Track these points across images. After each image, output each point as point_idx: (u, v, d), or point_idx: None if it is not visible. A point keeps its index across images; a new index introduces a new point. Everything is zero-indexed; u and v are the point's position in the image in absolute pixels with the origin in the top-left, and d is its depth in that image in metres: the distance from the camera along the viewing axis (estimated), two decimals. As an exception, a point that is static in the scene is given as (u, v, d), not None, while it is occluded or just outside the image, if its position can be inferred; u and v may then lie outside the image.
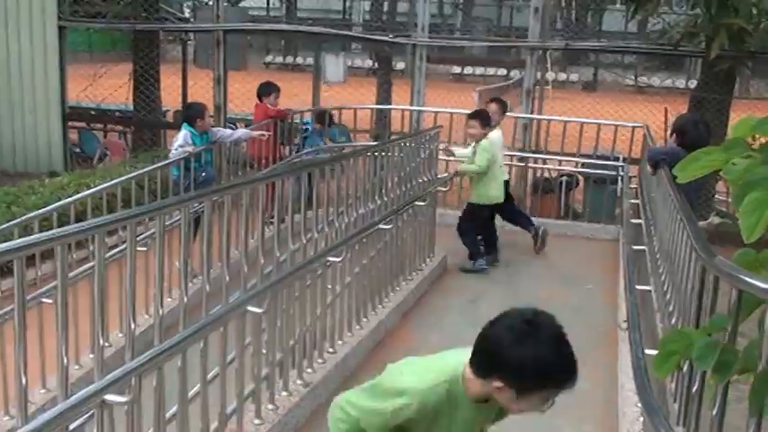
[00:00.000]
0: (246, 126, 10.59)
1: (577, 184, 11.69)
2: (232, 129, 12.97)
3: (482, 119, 7.91)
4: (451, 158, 8.91)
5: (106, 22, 12.48)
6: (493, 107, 8.57)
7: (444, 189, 8.32)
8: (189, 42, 15.78)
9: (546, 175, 11.64)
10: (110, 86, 14.03)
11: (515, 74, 31.98)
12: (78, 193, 9.41)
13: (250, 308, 3.86)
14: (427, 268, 7.72)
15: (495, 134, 8.15)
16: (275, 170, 7.79)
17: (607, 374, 5.83)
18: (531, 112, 11.45)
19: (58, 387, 2.80)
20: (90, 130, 13.62)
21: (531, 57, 11.30)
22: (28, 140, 12.44)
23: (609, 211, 10.62)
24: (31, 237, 2.67)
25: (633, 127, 10.73)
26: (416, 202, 7.09)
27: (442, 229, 8.44)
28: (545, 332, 2.21)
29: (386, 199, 6.36)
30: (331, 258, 5.02)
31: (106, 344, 3.33)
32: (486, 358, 2.23)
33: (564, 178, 11.19)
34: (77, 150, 13.21)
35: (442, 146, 8.17)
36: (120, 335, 5.70)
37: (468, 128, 7.99)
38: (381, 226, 5.93)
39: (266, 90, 9.36)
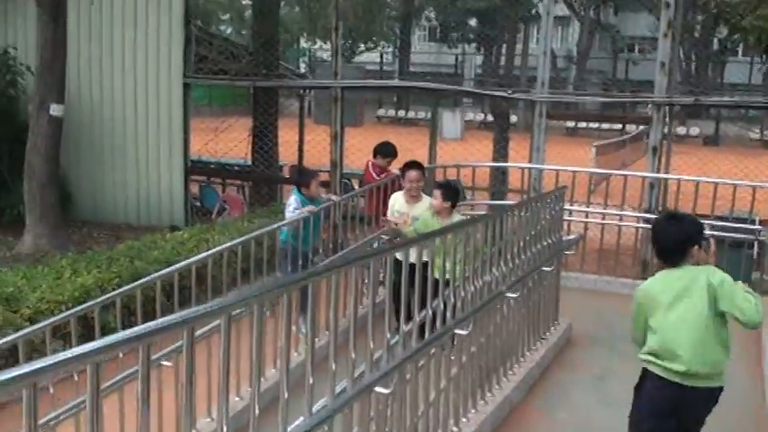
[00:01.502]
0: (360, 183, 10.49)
1: (708, 246, 11.02)
2: (347, 183, 13.06)
3: None
4: (572, 219, 8.52)
5: (228, 78, 12.77)
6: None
7: (570, 252, 7.91)
8: (306, 98, 16.05)
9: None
10: (229, 141, 14.33)
11: (631, 128, 31.27)
12: (197, 248, 9.59)
13: (378, 389, 3.62)
14: (552, 337, 7.31)
15: None
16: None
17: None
18: (658, 171, 10.89)
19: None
20: (210, 185, 13.90)
21: (658, 112, 10.79)
22: (152, 194, 12.78)
23: (745, 276, 9.90)
24: (160, 321, 2.50)
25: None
26: (543, 267, 6.74)
27: (563, 293, 8.01)
28: None
29: (511, 265, 6.04)
30: (458, 331, 4.73)
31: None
32: None
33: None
34: (197, 204, 13.48)
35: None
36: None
37: None
38: (508, 294, 5.61)
39: (383, 150, 9.18)
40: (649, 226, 10.70)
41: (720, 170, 16.51)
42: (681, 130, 35.04)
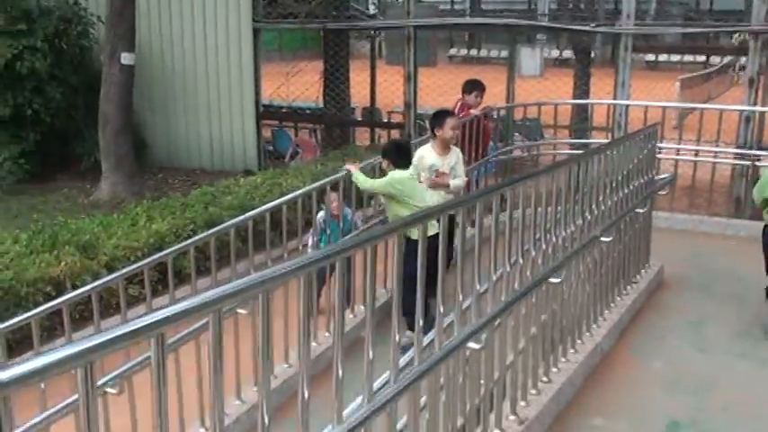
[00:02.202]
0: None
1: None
2: (421, 125, 12.66)
3: None
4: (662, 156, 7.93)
5: (298, 21, 12.45)
6: None
7: (663, 193, 7.43)
8: (377, 38, 15.63)
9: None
10: (301, 84, 14.09)
11: (715, 60, 29.69)
12: (271, 192, 9.44)
13: (470, 344, 3.36)
14: (643, 281, 6.91)
15: None
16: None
17: None
18: (754, 104, 10.18)
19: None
20: (282, 129, 13.72)
21: (756, 41, 10.02)
22: (225, 140, 12.70)
23: None
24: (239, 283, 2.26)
25: None
26: (636, 209, 6.32)
27: (653, 234, 7.54)
28: None
29: (603, 208, 5.64)
30: (552, 280, 4.41)
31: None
32: None
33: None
34: (270, 149, 13.35)
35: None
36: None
37: None
38: (602, 239, 5.25)
39: (470, 87, 8.70)
40: (744, 162, 10.14)
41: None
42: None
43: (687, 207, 9.60)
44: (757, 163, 9.75)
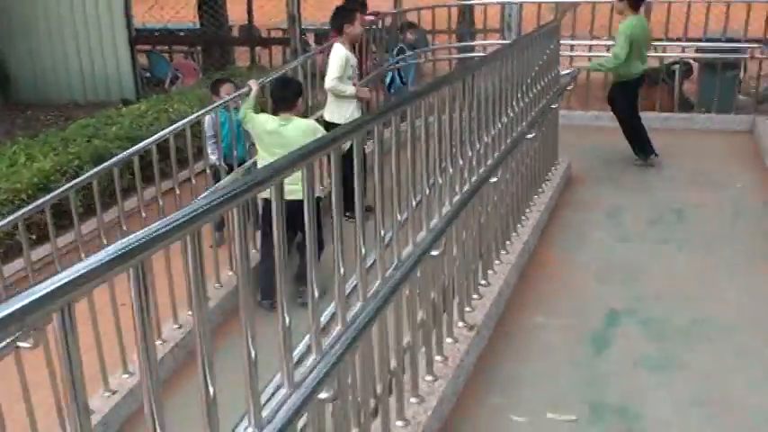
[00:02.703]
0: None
1: (692, 72, 10.57)
2: (307, 44, 12.15)
3: None
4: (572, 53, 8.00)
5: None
6: None
7: (570, 88, 7.38)
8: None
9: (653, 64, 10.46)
10: (175, 4, 13.25)
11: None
12: (158, 120, 8.85)
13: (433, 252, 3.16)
14: (555, 178, 6.88)
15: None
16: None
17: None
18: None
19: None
20: (159, 53, 12.89)
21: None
22: (97, 69, 11.80)
23: (726, 99, 9.51)
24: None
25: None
26: (550, 105, 6.23)
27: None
28: None
29: (522, 105, 5.48)
30: (491, 180, 4.23)
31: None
32: None
33: (676, 66, 10.06)
34: (147, 75, 12.54)
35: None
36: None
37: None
38: (528, 136, 5.11)
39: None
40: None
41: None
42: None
43: (583, 104, 9.66)
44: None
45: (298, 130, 5.19)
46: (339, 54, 6.41)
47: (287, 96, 5.35)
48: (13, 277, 5.61)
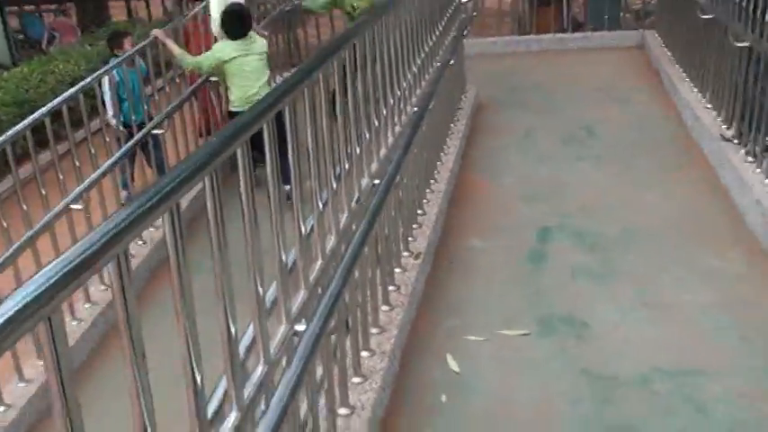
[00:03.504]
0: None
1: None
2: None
3: None
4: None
5: None
6: None
7: (474, 15, 7.40)
8: None
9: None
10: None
11: None
12: (45, 82, 8.40)
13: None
14: (466, 105, 6.94)
15: None
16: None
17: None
18: None
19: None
20: (33, 14, 12.15)
21: None
22: (-36, 33, 11.03)
23: (613, 17, 9.79)
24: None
25: None
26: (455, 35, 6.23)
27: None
28: None
29: (437, 35, 5.48)
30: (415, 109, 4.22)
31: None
32: None
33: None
34: (21, 37, 11.82)
35: None
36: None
37: None
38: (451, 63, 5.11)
39: None
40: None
41: None
42: None
43: (481, 31, 9.72)
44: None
45: (261, 41, 5.89)
46: None
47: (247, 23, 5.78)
48: None
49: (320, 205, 2.91)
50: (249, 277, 2.34)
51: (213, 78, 6.28)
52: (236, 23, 5.67)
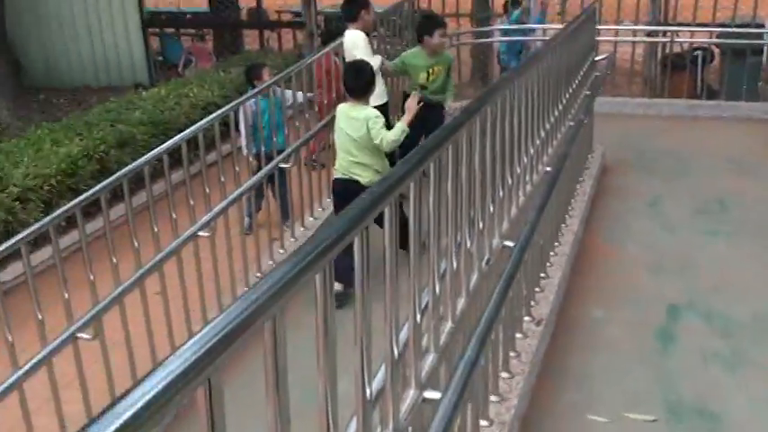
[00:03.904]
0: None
1: (712, 58, 10.46)
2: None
3: None
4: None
5: None
6: None
7: (608, 73, 7.26)
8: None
9: (677, 50, 10.35)
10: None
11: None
12: (179, 104, 8.69)
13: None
14: (592, 166, 6.78)
15: None
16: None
17: None
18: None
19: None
20: (173, 36, 12.71)
21: None
22: (109, 52, 11.62)
23: (750, 86, 9.41)
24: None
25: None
26: (586, 92, 6.11)
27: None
28: None
29: (570, 92, 5.39)
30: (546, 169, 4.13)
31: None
32: None
33: (698, 52, 9.96)
34: (160, 59, 12.36)
35: None
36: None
37: None
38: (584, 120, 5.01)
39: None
40: (652, 39, 10.12)
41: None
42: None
43: (610, 90, 9.53)
44: (673, 39, 9.76)
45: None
46: (360, 36, 6.26)
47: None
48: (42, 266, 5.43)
49: (453, 264, 2.84)
50: (385, 333, 2.30)
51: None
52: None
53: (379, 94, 6.04)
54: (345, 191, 4.90)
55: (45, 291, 3.99)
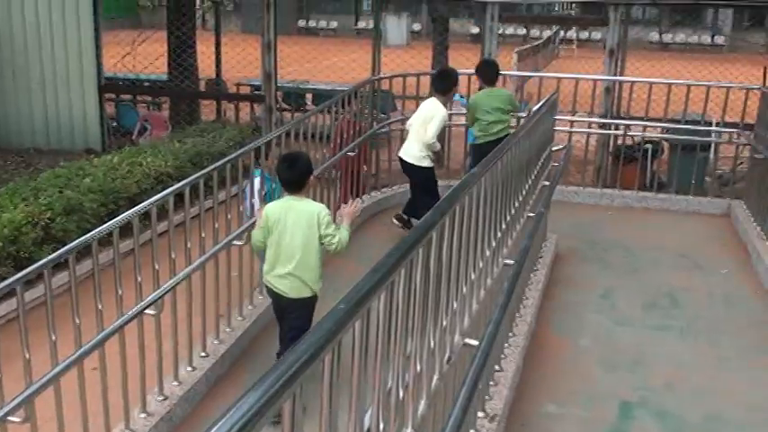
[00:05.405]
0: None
1: (662, 152, 10.72)
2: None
3: None
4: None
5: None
6: None
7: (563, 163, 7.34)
8: (222, 5, 14.73)
9: (628, 142, 10.59)
10: (149, 55, 13.04)
11: (535, 32, 30.81)
12: (131, 173, 8.54)
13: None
14: (546, 255, 6.80)
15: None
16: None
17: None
18: (615, 74, 10.42)
19: None
20: (129, 104, 12.61)
21: (615, 13, 10.23)
22: (62, 115, 11.42)
23: (698, 181, 9.63)
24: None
25: (745, 88, 9.53)
26: (544, 182, 6.17)
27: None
28: None
29: (529, 183, 5.43)
30: (507, 261, 4.10)
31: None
32: None
33: (649, 146, 10.20)
34: (114, 125, 12.21)
35: None
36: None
37: None
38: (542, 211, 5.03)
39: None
40: (605, 131, 10.35)
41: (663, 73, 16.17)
42: (583, 35, 35.17)
43: (562, 178, 9.65)
44: (626, 132, 10.00)
45: None
46: (444, 115, 7.14)
47: None
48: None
49: (418, 367, 2.75)
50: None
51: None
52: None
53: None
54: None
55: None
